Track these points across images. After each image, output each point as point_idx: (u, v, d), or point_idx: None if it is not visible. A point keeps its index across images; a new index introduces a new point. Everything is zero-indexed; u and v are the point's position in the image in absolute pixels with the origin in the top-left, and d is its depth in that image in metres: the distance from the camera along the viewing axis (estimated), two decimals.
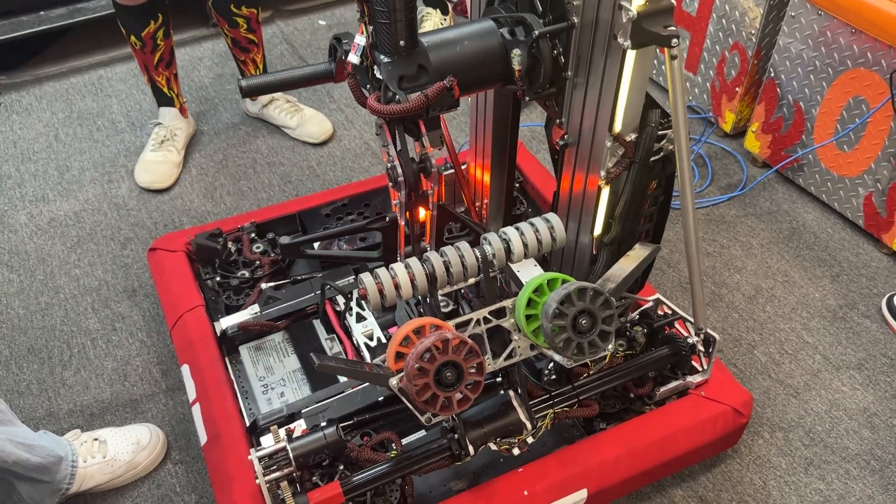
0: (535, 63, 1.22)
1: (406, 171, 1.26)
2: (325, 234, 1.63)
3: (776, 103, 2.11)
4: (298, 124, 2.34)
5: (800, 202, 2.13)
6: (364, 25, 1.21)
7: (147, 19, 2.04)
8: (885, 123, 1.85)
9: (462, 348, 1.09)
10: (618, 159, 1.23)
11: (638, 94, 1.15)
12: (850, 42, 1.86)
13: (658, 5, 1.04)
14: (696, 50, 2.31)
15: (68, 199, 2.15)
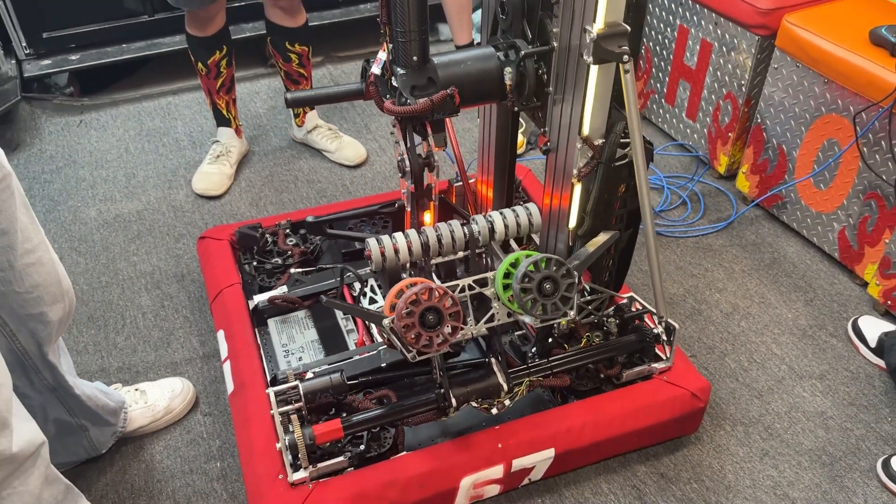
0: (522, 79, 1.49)
1: (413, 164, 1.53)
2: (345, 214, 1.90)
3: (763, 146, 2.34)
4: (337, 148, 2.65)
5: (783, 237, 2.33)
6: (385, 44, 1.50)
7: (213, 49, 2.39)
8: (854, 163, 2.06)
9: (444, 299, 1.33)
10: (587, 160, 1.47)
11: (601, 103, 1.40)
12: (824, 90, 2.09)
13: (613, 30, 1.31)
14: (695, 99, 2.57)
15: (132, 200, 2.47)
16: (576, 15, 1.36)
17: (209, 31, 2.34)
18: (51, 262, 1.34)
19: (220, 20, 2.35)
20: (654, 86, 2.75)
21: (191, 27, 2.34)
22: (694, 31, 2.49)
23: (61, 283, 1.37)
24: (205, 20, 2.31)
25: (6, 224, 1.22)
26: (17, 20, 2.77)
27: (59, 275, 1.37)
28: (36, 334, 1.35)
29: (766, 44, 2.25)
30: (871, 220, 2.05)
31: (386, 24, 1.47)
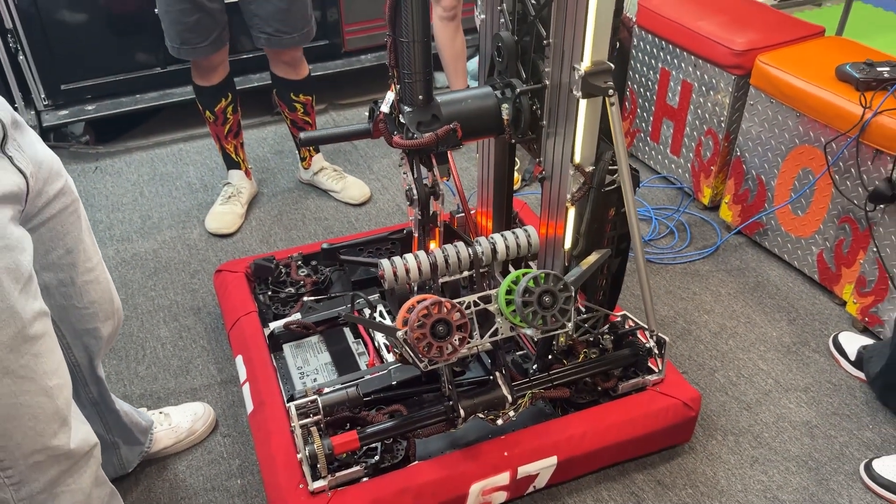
0: (518, 114, 1.64)
1: (420, 193, 1.66)
2: (357, 241, 2.03)
3: (743, 177, 2.50)
4: (342, 188, 2.80)
5: (765, 261, 2.47)
6: (393, 85, 1.65)
7: (219, 97, 2.55)
8: (827, 190, 2.21)
9: (453, 312, 1.45)
10: (580, 185, 1.61)
11: (591, 134, 1.55)
12: (797, 123, 2.26)
13: (599, 68, 1.46)
14: (678, 136, 2.73)
15: (148, 240, 2.60)
16: (565, 55, 1.51)
17: (214, 80, 2.50)
18: (106, 280, 1.47)
19: (224, 70, 2.51)
20: (640, 125, 2.92)
21: (196, 77, 2.51)
22: (675, 73, 2.67)
23: (113, 301, 1.50)
24: (208, 70, 2.47)
25: (71, 244, 1.34)
26: (36, 73, 2.94)
27: (112, 293, 1.49)
28: (88, 348, 1.47)
29: (741, 82, 2.42)
30: (846, 242, 2.19)
31: (394, 66, 1.62)
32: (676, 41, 2.61)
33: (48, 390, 1.16)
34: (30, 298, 1.13)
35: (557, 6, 1.47)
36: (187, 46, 2.36)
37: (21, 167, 1.16)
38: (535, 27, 1.57)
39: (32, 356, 1.13)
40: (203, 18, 2.32)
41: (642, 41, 2.78)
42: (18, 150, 1.17)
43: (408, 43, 1.56)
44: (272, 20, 2.44)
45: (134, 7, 2.95)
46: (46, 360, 1.16)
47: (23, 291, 1.11)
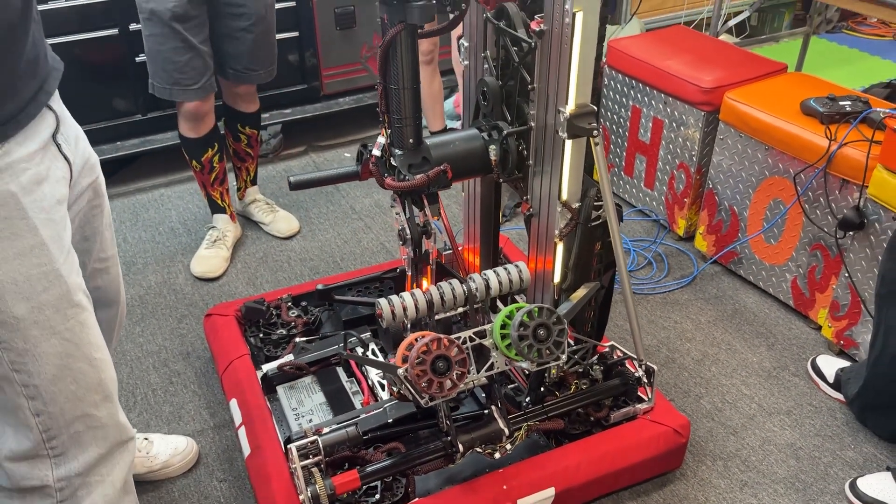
0: (505, 155, 1.71)
1: (413, 232, 1.71)
2: (352, 280, 2.06)
3: (716, 209, 2.59)
4: (271, 221, 2.87)
5: (741, 289, 2.55)
6: (384, 129, 1.71)
7: (206, 147, 2.59)
8: (798, 219, 2.30)
9: (451, 347, 1.49)
10: (567, 221, 1.67)
11: (576, 172, 1.62)
12: (766, 156, 2.36)
13: (583, 110, 1.53)
14: (651, 170, 2.83)
15: (134, 287, 2.60)
16: (550, 98, 1.58)
17: (202, 131, 2.54)
18: (116, 274, 1.58)
19: (210, 121, 2.56)
20: (614, 160, 3.01)
21: (184, 129, 2.54)
22: (646, 110, 2.77)
23: (119, 293, 1.60)
24: (196, 121, 2.50)
25: (89, 233, 1.44)
26: None
27: (119, 287, 1.60)
28: None
29: (711, 118, 2.53)
30: (819, 268, 2.28)
31: (385, 112, 1.68)
32: (646, 80, 2.72)
33: (92, 360, 1.25)
34: (73, 271, 1.23)
35: (541, 54, 1.55)
36: (179, 87, 2.40)
37: (67, 155, 1.27)
38: (520, 73, 1.65)
39: (78, 323, 1.22)
40: (194, 59, 2.36)
41: (613, 80, 2.88)
42: (65, 141, 1.28)
43: (398, 90, 1.62)
44: (242, 58, 2.52)
45: (114, 55, 2.98)
46: (90, 332, 1.25)
47: (65, 262, 1.21)
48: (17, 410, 1.20)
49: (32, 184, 1.16)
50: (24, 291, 1.15)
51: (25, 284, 1.15)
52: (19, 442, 1.23)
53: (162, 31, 2.32)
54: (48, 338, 1.18)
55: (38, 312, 1.16)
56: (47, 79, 1.23)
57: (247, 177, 2.88)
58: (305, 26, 3.29)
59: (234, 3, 2.41)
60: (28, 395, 1.19)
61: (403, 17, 1.51)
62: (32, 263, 1.15)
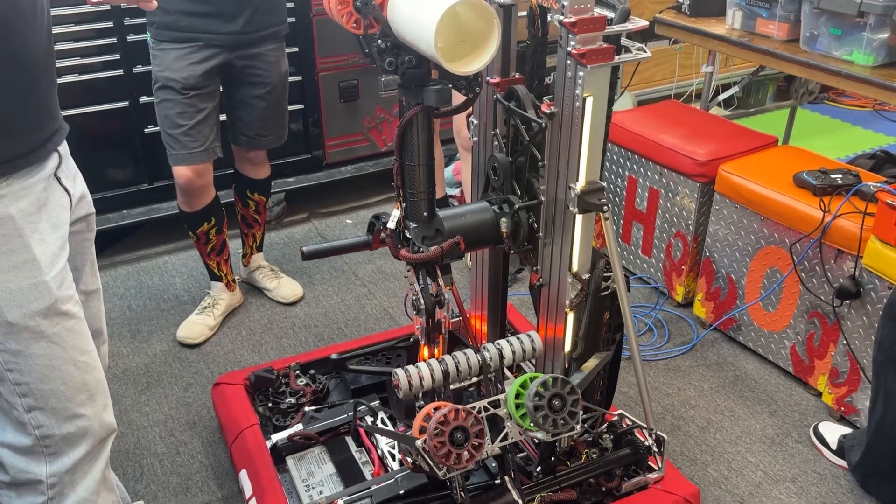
0: (516, 228, 1.76)
1: (426, 302, 1.75)
2: (365, 350, 2.08)
3: (713, 277, 2.65)
4: (275, 287, 2.91)
5: (741, 355, 2.59)
6: (399, 203, 1.76)
7: (202, 221, 2.63)
8: (795, 287, 2.37)
9: (469, 418, 1.51)
10: (577, 292, 1.72)
11: (586, 244, 1.67)
12: (761, 226, 2.44)
13: (593, 187, 1.60)
14: (648, 238, 2.90)
15: (139, 355, 2.61)
16: (560, 174, 1.65)
17: (196, 206, 2.58)
18: (98, 310, 1.67)
19: (208, 197, 2.60)
20: None
21: (180, 202, 2.59)
22: (642, 181, 2.86)
23: (101, 330, 1.67)
24: (189, 196, 2.55)
25: (78, 263, 1.54)
26: None
27: (101, 324, 1.68)
28: None
29: (706, 189, 2.62)
30: (817, 335, 2.33)
31: (400, 187, 1.74)
32: (641, 152, 2.82)
33: (76, 362, 1.39)
34: (63, 285, 1.36)
35: (552, 134, 1.62)
36: (184, 152, 2.45)
37: (67, 187, 1.42)
38: (530, 150, 1.72)
39: (65, 329, 1.36)
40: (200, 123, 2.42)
41: (609, 151, 2.98)
42: (66, 176, 1.43)
43: (414, 166, 1.68)
44: (254, 124, 2.60)
45: (123, 126, 3.05)
46: (77, 337, 1.39)
47: (55, 277, 1.34)
48: (12, 409, 1.36)
49: (31, 208, 1.32)
50: (17, 300, 1.30)
51: (18, 294, 1.30)
52: (18, 438, 1.38)
53: (172, 98, 2.40)
54: (37, 340, 1.33)
55: (29, 318, 1.32)
56: (58, 130, 1.40)
57: (252, 243, 2.93)
58: (310, 98, 3.39)
59: (252, 73, 2.50)
60: (20, 393, 1.35)
61: (421, 100, 1.59)
62: (25, 276, 1.31)
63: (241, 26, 2.40)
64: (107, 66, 2.93)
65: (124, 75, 2.97)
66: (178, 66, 2.37)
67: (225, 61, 2.43)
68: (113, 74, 2.95)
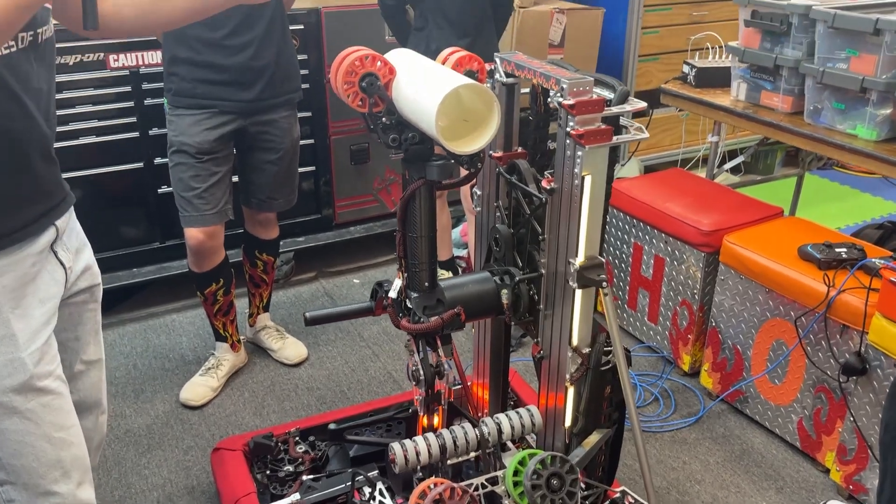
0: (517, 300, 1.77)
1: (426, 373, 1.75)
2: (363, 421, 2.07)
3: (720, 347, 2.63)
4: (279, 348, 2.91)
5: (748, 428, 2.55)
6: (401, 272, 1.78)
7: (210, 282, 2.65)
8: (801, 360, 2.34)
9: (464, 497, 1.49)
10: (577, 366, 1.71)
11: (586, 318, 1.67)
12: (766, 298, 2.43)
13: (592, 262, 1.61)
14: (654, 305, 2.89)
15: (142, 415, 2.60)
16: (560, 248, 1.66)
17: (205, 267, 2.61)
18: (99, 380, 1.64)
19: (217, 258, 2.62)
20: (617, 293, 3.08)
21: (189, 262, 2.62)
22: (647, 248, 2.87)
23: (100, 400, 1.65)
24: (199, 257, 2.58)
25: (81, 333, 1.54)
26: None
27: (101, 394, 1.66)
28: None
29: (711, 259, 2.62)
30: (824, 411, 2.29)
31: (402, 257, 1.76)
32: (647, 220, 2.83)
33: (51, 439, 1.36)
34: (43, 360, 1.34)
35: (552, 209, 1.64)
36: (196, 214, 2.49)
37: (63, 261, 1.41)
38: (531, 223, 1.74)
39: (40, 405, 1.34)
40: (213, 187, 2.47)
41: (614, 218, 3.00)
42: (65, 249, 1.42)
43: (416, 238, 1.70)
44: (266, 188, 2.65)
45: (138, 186, 3.11)
46: (54, 413, 1.37)
47: (34, 353, 1.33)
48: None
49: (14, 283, 1.31)
50: None
51: None
52: None
53: (186, 162, 2.45)
54: (10, 416, 1.32)
55: (2, 394, 1.30)
56: (57, 206, 1.39)
57: (259, 303, 2.94)
58: (322, 160, 3.46)
59: (265, 139, 2.56)
60: None
61: (423, 174, 1.62)
62: (0, 352, 1.30)
63: (255, 94, 2.47)
64: (124, 128, 3.01)
65: (140, 137, 3.04)
66: (193, 131, 2.43)
67: (239, 127, 2.49)
68: (129, 136, 3.02)
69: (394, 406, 2.31)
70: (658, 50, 4.16)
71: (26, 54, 1.26)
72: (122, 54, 2.90)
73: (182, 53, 2.41)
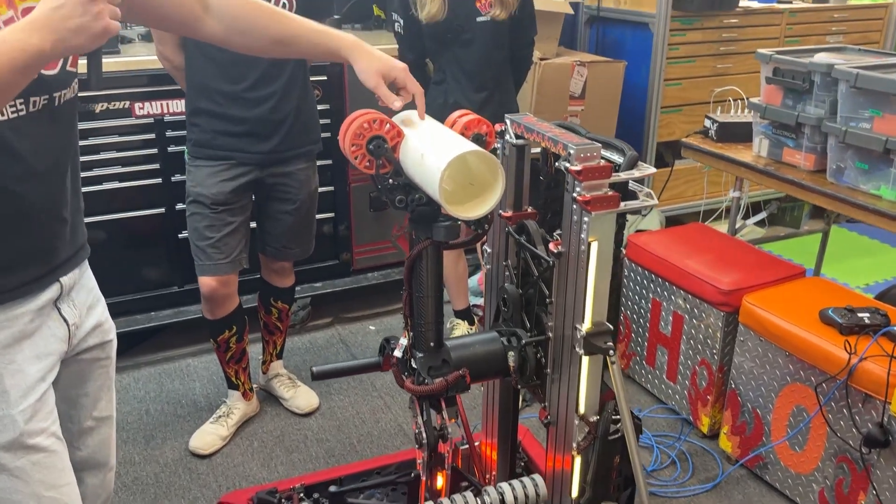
0: (524, 363, 1.74)
1: (428, 436, 1.71)
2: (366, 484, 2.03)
3: (740, 410, 2.56)
4: (291, 397, 2.90)
5: (768, 496, 2.46)
6: (407, 331, 1.76)
7: (223, 329, 2.66)
8: (822, 428, 2.26)
9: None
10: (584, 434, 1.67)
11: (594, 387, 1.63)
12: (787, 362, 2.36)
13: (599, 329, 1.58)
14: (673, 363, 2.83)
15: (151, 463, 2.59)
16: (567, 312, 1.63)
17: (218, 315, 2.62)
18: (108, 437, 1.58)
19: (231, 305, 2.63)
20: (635, 349, 3.03)
21: (204, 310, 2.63)
22: (666, 304, 2.82)
23: (108, 459, 1.60)
24: (212, 304, 2.58)
25: (91, 390, 1.49)
26: None
27: (110, 452, 1.60)
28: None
29: (730, 318, 2.56)
30: (846, 482, 2.21)
31: (408, 316, 1.74)
32: (665, 276, 2.79)
33: (40, 498, 1.32)
34: (36, 417, 1.31)
35: (559, 273, 1.62)
36: (210, 263, 2.50)
37: (67, 318, 1.37)
38: (539, 285, 1.71)
39: (30, 462, 1.30)
40: (228, 236, 2.49)
41: (633, 272, 2.96)
42: (71, 306, 1.39)
43: (422, 297, 1.69)
44: (282, 237, 2.66)
45: (159, 231, 3.15)
46: (46, 472, 1.32)
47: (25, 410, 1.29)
48: None
49: (9, 340, 1.28)
50: None
51: None
52: None
53: (201, 212, 2.47)
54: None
55: None
56: (63, 264, 1.36)
57: (273, 350, 2.94)
58: (341, 207, 3.47)
59: (282, 189, 2.58)
60: None
61: (430, 235, 1.61)
62: None
63: (273, 146, 2.50)
64: (147, 174, 3.06)
65: (163, 183, 3.09)
66: (209, 182, 2.46)
67: (256, 178, 2.52)
68: (152, 182, 3.07)
69: (401, 464, 2.27)
70: (681, 102, 4.15)
71: (38, 117, 1.24)
72: (148, 102, 2.96)
73: (203, 105, 2.45)
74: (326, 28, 1.58)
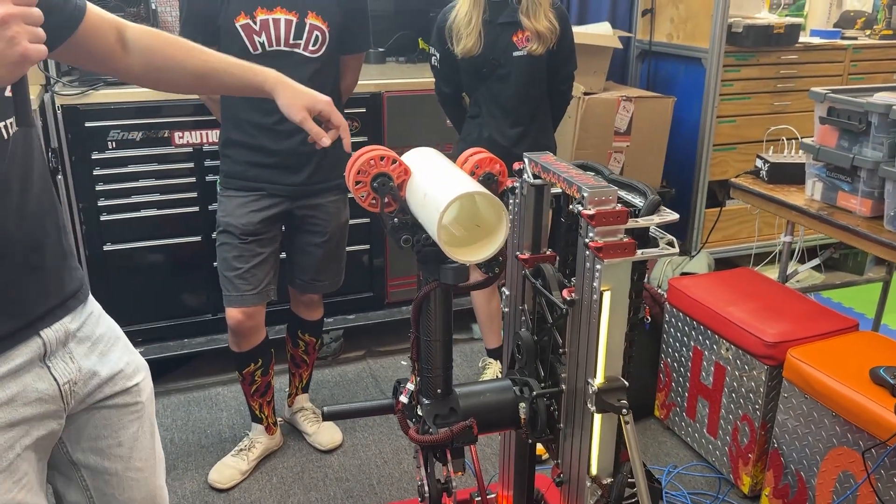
0: (535, 415, 1.64)
1: (431, 489, 1.63)
2: None
3: (782, 471, 2.38)
4: (314, 432, 2.84)
5: None
6: (414, 376, 1.69)
7: (248, 362, 2.63)
8: (870, 497, 2.07)
9: None
10: (597, 498, 1.55)
11: (607, 446, 1.52)
12: (833, 423, 2.18)
13: (613, 384, 1.47)
14: (714, 417, 2.66)
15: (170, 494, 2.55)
16: (580, 365, 1.53)
17: (244, 347, 2.59)
18: (154, 486, 1.46)
19: (257, 338, 2.60)
20: (675, 399, 2.87)
21: (230, 342, 2.61)
22: (707, 354, 2.67)
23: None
24: (238, 337, 2.56)
25: (125, 439, 1.37)
26: None
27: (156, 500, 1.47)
28: None
29: (774, 373, 2.39)
30: None
31: (416, 360, 1.67)
32: (708, 324, 2.64)
33: None
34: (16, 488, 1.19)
35: (572, 322, 1.52)
36: (237, 294, 2.48)
37: (56, 376, 1.23)
38: (553, 333, 1.62)
39: None
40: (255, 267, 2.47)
41: (675, 318, 2.82)
42: (65, 360, 1.25)
43: (430, 341, 1.61)
44: (310, 269, 2.62)
45: (194, 259, 3.16)
46: None
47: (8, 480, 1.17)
48: None
49: None
50: None
51: None
52: None
53: (230, 242, 2.46)
54: None
55: None
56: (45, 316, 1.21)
57: (299, 383, 2.90)
58: (376, 240, 3.44)
59: (312, 222, 2.55)
60: None
61: (438, 277, 1.54)
62: None
63: (304, 178, 2.48)
64: (185, 202, 3.09)
65: (200, 211, 3.11)
66: (239, 213, 2.45)
67: (286, 210, 2.50)
68: (190, 211, 3.10)
69: None
70: (735, 139, 3.99)
71: None
72: (188, 132, 3.00)
73: (235, 136, 2.46)
74: (248, 63, 1.52)
